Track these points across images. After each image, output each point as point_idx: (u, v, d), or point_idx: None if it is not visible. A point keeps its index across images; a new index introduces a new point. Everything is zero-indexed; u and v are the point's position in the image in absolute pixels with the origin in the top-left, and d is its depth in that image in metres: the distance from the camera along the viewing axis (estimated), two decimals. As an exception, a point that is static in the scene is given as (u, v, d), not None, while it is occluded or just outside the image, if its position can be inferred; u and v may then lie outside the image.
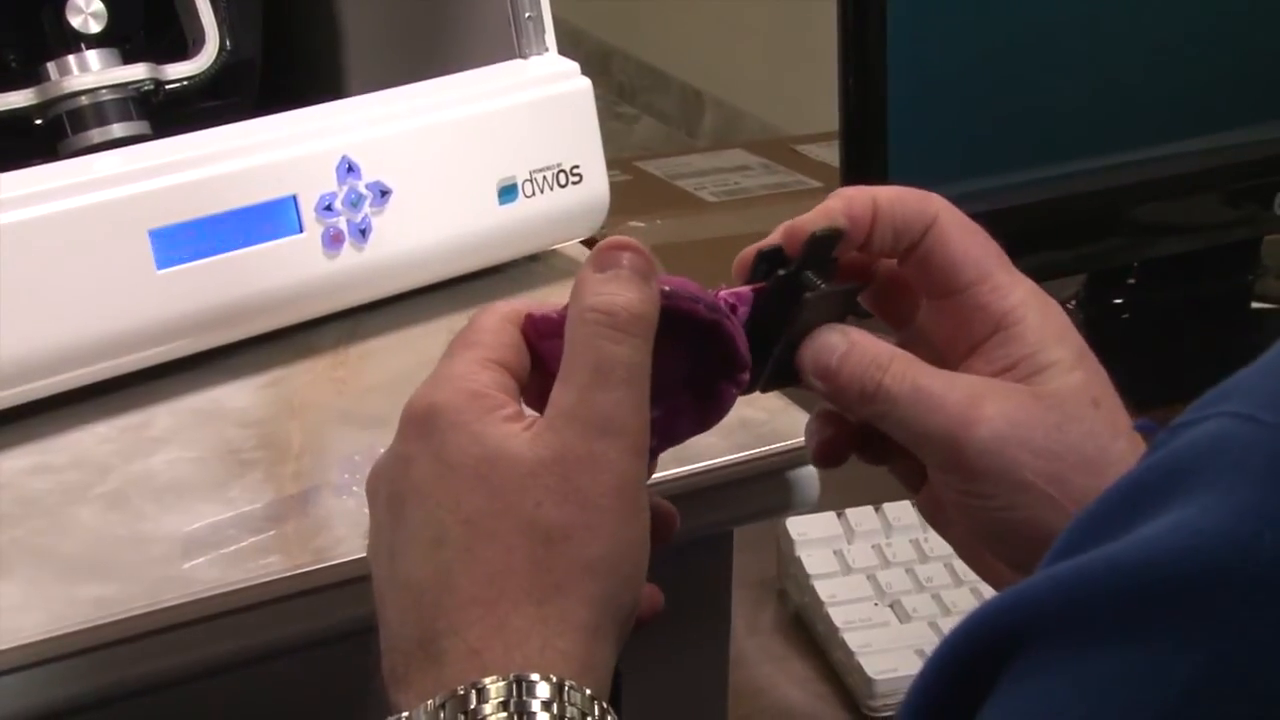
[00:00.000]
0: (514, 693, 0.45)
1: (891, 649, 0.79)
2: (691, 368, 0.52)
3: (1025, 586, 0.36)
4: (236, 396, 0.71)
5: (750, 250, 0.55)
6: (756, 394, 0.56)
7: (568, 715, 0.45)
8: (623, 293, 0.49)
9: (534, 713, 0.45)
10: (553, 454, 0.47)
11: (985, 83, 0.93)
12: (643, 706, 0.71)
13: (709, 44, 3.43)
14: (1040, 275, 1.00)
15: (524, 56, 0.81)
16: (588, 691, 0.46)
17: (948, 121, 0.93)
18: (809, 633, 0.84)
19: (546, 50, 0.81)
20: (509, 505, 0.47)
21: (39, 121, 0.76)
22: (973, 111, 0.93)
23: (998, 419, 0.52)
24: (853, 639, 0.80)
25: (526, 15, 0.80)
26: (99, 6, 0.77)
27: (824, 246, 0.54)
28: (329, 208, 0.73)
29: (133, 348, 0.69)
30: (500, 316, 0.51)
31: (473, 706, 0.45)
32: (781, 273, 0.54)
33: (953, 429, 0.52)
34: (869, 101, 0.90)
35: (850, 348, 0.53)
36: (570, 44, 0.82)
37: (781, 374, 0.55)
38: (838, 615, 0.82)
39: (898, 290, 0.57)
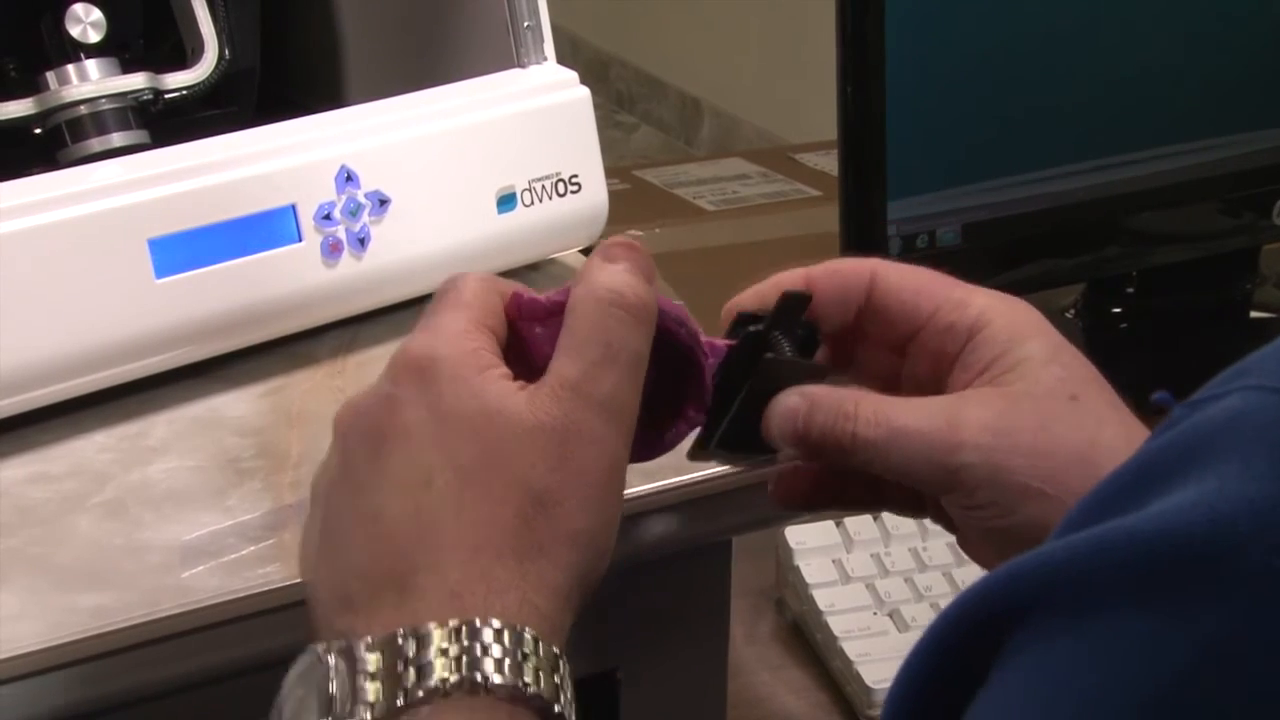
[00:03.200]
0: (506, 640, 0.45)
1: (890, 658, 0.79)
2: (653, 391, 0.52)
3: (1036, 554, 0.36)
4: (235, 405, 0.71)
5: (732, 305, 0.56)
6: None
7: (534, 667, 0.46)
8: (635, 283, 0.50)
9: (500, 659, 0.45)
10: (554, 421, 0.48)
11: (983, 91, 0.93)
12: (642, 714, 0.71)
13: (707, 52, 3.43)
14: (1039, 284, 1.01)
15: (523, 66, 0.81)
16: (555, 649, 0.47)
17: (946, 130, 0.93)
18: (808, 641, 0.84)
19: (545, 59, 0.81)
20: (504, 462, 0.48)
21: (38, 131, 0.76)
22: (971, 120, 0.93)
23: (981, 434, 0.51)
24: (851, 648, 0.80)
25: (525, 25, 0.80)
26: (98, 16, 0.78)
27: (792, 308, 0.55)
28: (328, 217, 0.73)
29: (131, 357, 0.69)
30: (484, 282, 0.52)
31: (469, 645, 0.45)
32: (751, 329, 0.54)
33: (939, 458, 0.52)
34: (868, 110, 0.90)
35: (812, 406, 0.53)
36: (569, 53, 0.83)
37: (736, 438, 0.55)
38: (836, 624, 0.82)
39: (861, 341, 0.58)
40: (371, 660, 0.45)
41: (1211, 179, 1.01)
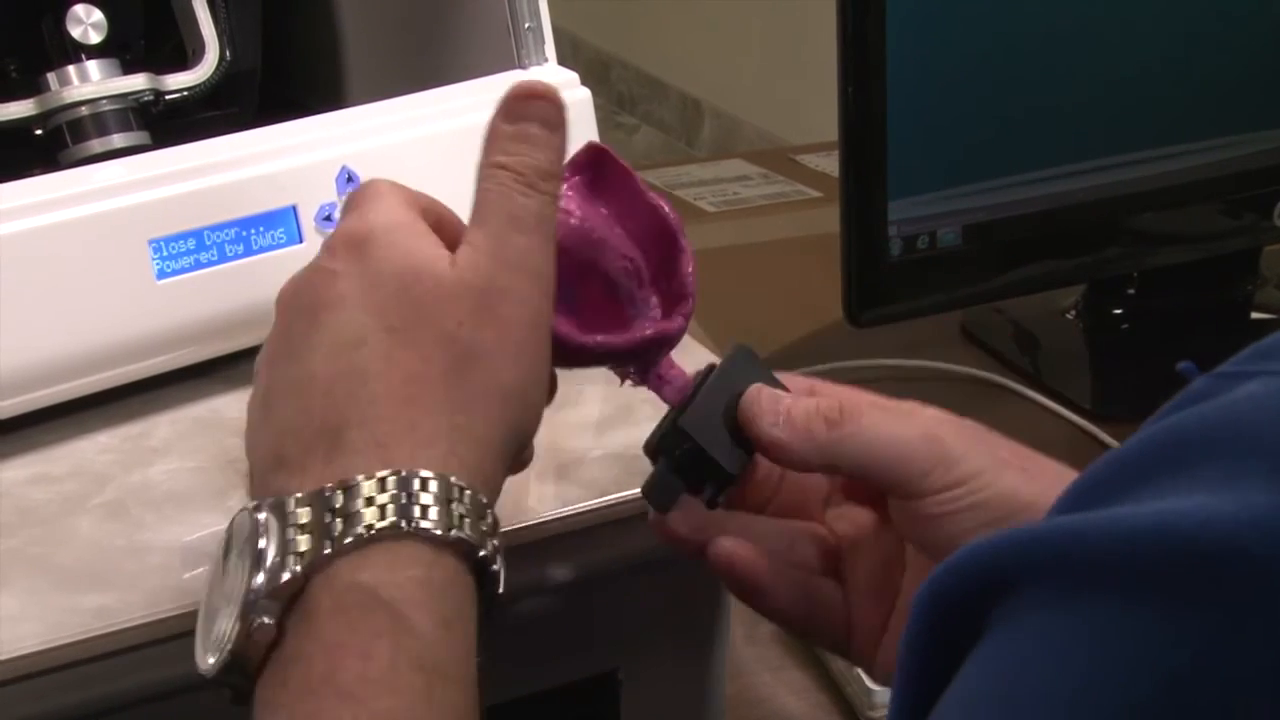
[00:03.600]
0: (433, 488, 0.47)
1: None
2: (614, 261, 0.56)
3: (1032, 527, 0.36)
4: (236, 406, 0.71)
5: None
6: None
7: (459, 513, 0.47)
8: (532, 154, 0.53)
9: (426, 505, 0.47)
10: (476, 279, 0.50)
11: (984, 92, 0.93)
12: (641, 715, 0.71)
13: (708, 53, 3.43)
14: (1040, 285, 1.01)
15: (524, 67, 0.81)
16: (483, 498, 0.48)
17: (947, 131, 0.93)
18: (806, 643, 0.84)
19: (546, 61, 0.81)
20: (431, 319, 0.49)
21: (39, 132, 0.76)
22: (972, 121, 0.93)
23: (956, 428, 0.55)
24: (852, 649, 0.80)
25: (526, 26, 0.80)
26: (99, 17, 0.78)
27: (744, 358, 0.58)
28: (329, 218, 0.73)
29: (133, 357, 0.69)
30: (391, 181, 0.55)
31: (396, 494, 0.46)
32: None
33: (928, 429, 0.54)
34: (869, 111, 0.90)
35: (796, 397, 0.56)
36: (570, 53, 0.83)
37: (693, 455, 0.56)
38: (837, 625, 0.82)
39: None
40: (302, 514, 0.47)
41: (1212, 180, 1.01)
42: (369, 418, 0.48)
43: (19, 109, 0.75)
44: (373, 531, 0.46)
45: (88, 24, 0.77)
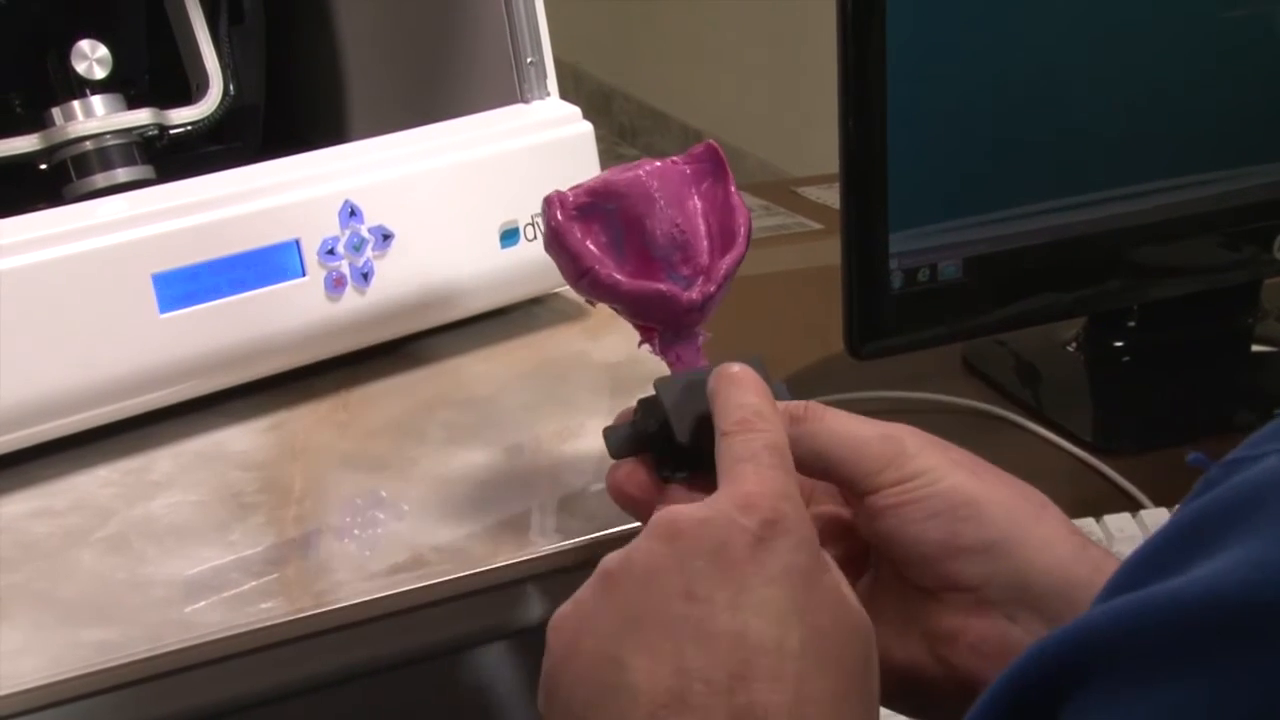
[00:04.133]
0: None
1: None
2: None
3: (1085, 620, 0.36)
4: (238, 440, 0.71)
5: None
6: None
7: None
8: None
9: None
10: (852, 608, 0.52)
11: (984, 125, 0.93)
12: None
13: (709, 85, 3.44)
14: (1041, 317, 1.01)
15: (526, 101, 0.81)
16: None
17: (947, 164, 0.93)
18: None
19: (548, 94, 0.82)
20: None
21: (44, 166, 0.77)
22: (972, 154, 0.94)
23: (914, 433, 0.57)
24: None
25: (529, 60, 0.81)
26: (104, 53, 0.78)
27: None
28: (331, 252, 0.73)
29: (136, 391, 0.69)
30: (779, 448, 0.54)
31: None
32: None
33: (884, 430, 0.56)
34: (869, 144, 0.90)
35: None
36: (572, 85, 0.83)
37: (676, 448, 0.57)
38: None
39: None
40: None
41: (1213, 213, 1.01)
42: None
43: (24, 144, 0.76)
44: None
45: (93, 59, 0.78)
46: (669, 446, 0.57)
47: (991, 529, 0.54)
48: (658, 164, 0.61)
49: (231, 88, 0.82)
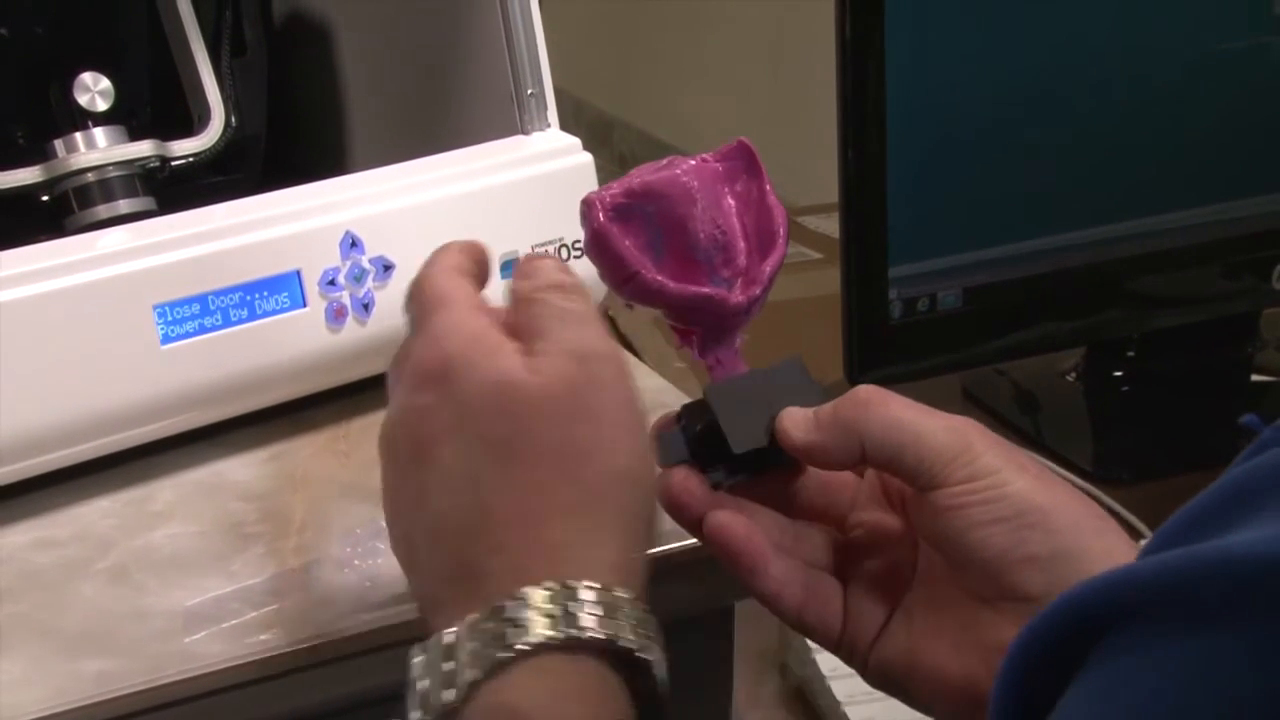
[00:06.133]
0: (560, 599, 0.47)
1: (894, 723, 0.79)
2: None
3: (1128, 568, 0.36)
4: (239, 470, 0.72)
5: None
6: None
7: (613, 616, 0.47)
8: (557, 276, 0.54)
9: (578, 615, 0.46)
10: (559, 380, 0.50)
11: (984, 155, 0.94)
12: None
13: (710, 115, 3.45)
14: (1040, 347, 1.02)
15: (526, 132, 0.82)
16: (629, 594, 0.48)
17: (947, 194, 0.93)
18: (811, 706, 0.84)
19: (549, 126, 0.82)
20: (533, 431, 0.49)
21: (46, 198, 0.77)
22: (972, 183, 0.94)
23: (978, 428, 0.56)
24: (855, 713, 0.80)
25: (529, 92, 0.81)
26: (106, 85, 0.78)
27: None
28: (332, 282, 0.73)
29: (137, 422, 0.70)
30: (446, 272, 0.55)
31: (521, 615, 0.46)
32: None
33: (953, 422, 0.55)
34: (868, 174, 0.90)
35: (822, 406, 0.58)
36: (572, 115, 0.83)
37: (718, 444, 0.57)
38: (840, 689, 0.81)
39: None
40: (459, 650, 0.47)
41: (1212, 243, 1.01)
42: (501, 544, 0.48)
43: (26, 175, 0.76)
44: (530, 646, 0.46)
45: (95, 91, 0.78)
46: (720, 454, 0.57)
47: (1057, 539, 0.53)
48: (692, 162, 0.60)
49: (233, 119, 0.82)
